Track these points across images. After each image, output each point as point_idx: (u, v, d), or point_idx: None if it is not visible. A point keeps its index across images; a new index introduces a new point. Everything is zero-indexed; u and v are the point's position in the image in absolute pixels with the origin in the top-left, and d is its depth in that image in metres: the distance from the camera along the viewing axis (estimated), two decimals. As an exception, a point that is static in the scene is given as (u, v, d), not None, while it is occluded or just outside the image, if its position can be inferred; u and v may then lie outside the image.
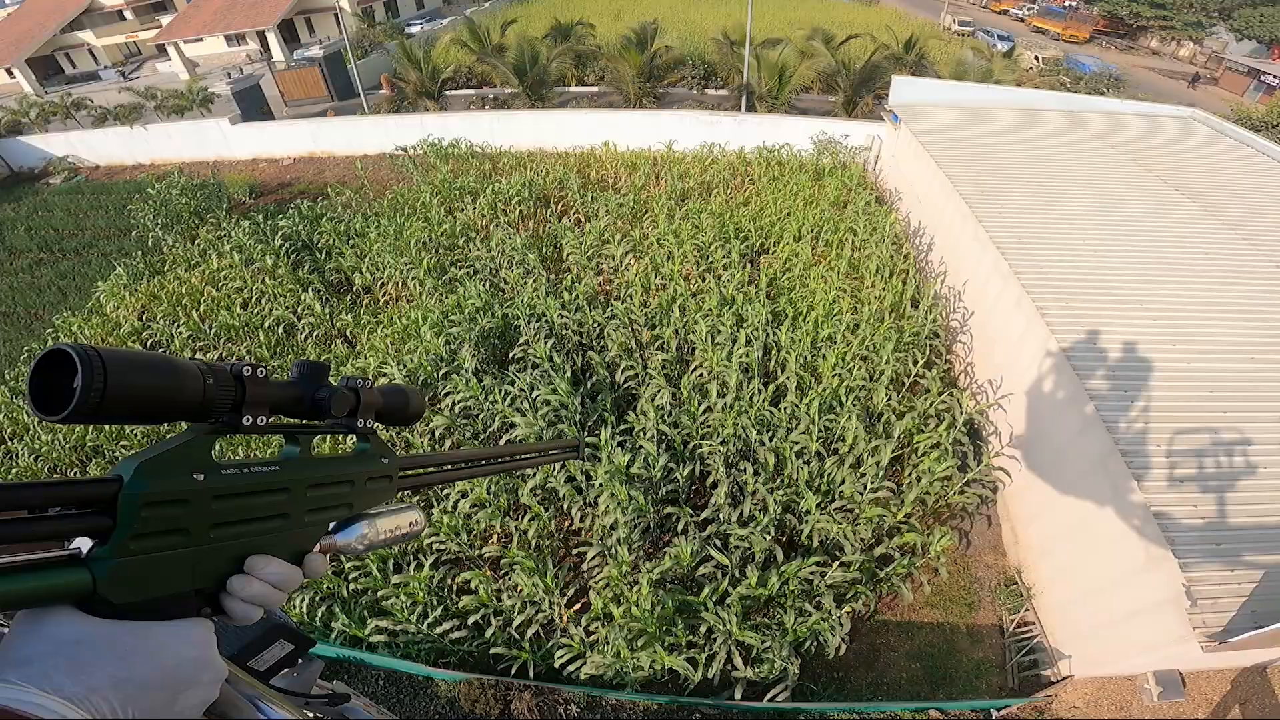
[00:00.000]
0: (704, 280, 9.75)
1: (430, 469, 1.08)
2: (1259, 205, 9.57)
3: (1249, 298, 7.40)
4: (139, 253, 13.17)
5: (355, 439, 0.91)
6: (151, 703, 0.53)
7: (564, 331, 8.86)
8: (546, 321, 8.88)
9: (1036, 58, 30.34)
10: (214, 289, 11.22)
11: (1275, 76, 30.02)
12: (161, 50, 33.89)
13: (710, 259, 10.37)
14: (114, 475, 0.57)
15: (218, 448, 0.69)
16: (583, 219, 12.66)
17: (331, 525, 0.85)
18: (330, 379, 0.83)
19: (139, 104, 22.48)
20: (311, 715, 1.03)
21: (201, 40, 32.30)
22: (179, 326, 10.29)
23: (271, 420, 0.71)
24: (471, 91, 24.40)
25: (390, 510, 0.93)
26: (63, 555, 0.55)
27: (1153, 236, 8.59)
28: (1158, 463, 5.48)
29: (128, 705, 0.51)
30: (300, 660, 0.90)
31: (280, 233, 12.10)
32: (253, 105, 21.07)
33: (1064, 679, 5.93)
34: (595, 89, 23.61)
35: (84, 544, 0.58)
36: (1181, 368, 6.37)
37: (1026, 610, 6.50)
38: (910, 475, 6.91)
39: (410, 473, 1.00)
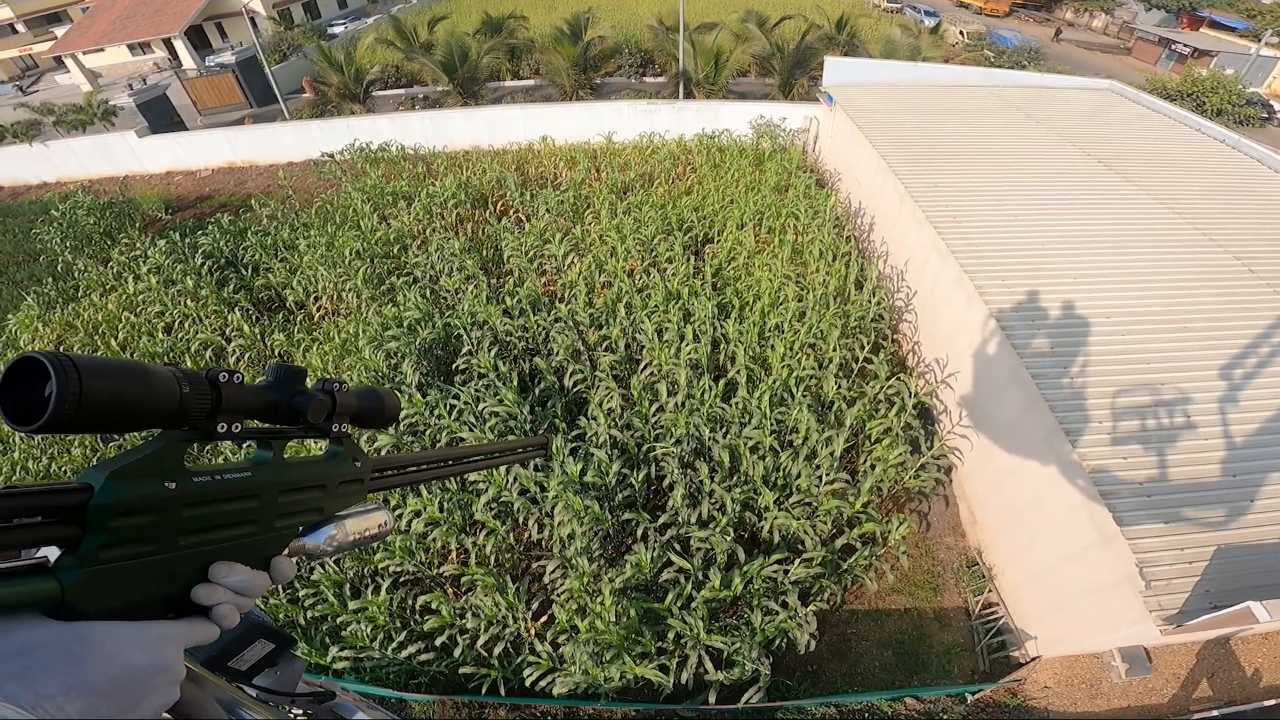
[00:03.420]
0: (649, 275, 9.57)
1: (402, 470, 1.06)
2: (1179, 175, 9.93)
3: (1177, 267, 7.62)
4: (50, 279, 12.29)
5: (328, 442, 0.88)
6: (106, 708, 0.53)
7: (508, 338, 8.57)
8: (489, 329, 8.57)
9: (961, 33, 31.13)
10: (132, 314, 10.52)
11: (1185, 45, 31.40)
12: (61, 62, 31.63)
13: (654, 253, 10.20)
14: (83, 483, 0.55)
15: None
16: (523, 218, 12.32)
17: (300, 528, 0.83)
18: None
19: (37, 120, 20.99)
20: (299, 714, 1.05)
21: (103, 50, 30.18)
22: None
23: (245, 426, 0.70)
24: (400, 91, 23.59)
25: (358, 512, 0.91)
26: (30, 564, 0.54)
27: (1080, 209, 8.81)
28: (1102, 439, 5.56)
29: (84, 711, 0.50)
30: (281, 659, 0.92)
31: (201, 250, 11.37)
32: (161, 116, 19.78)
33: (1033, 660, 6.00)
34: (530, 83, 23.12)
35: (51, 551, 0.56)
36: (1118, 340, 6.50)
37: (990, 591, 6.56)
38: (865, 463, 6.91)
39: (382, 474, 0.99)
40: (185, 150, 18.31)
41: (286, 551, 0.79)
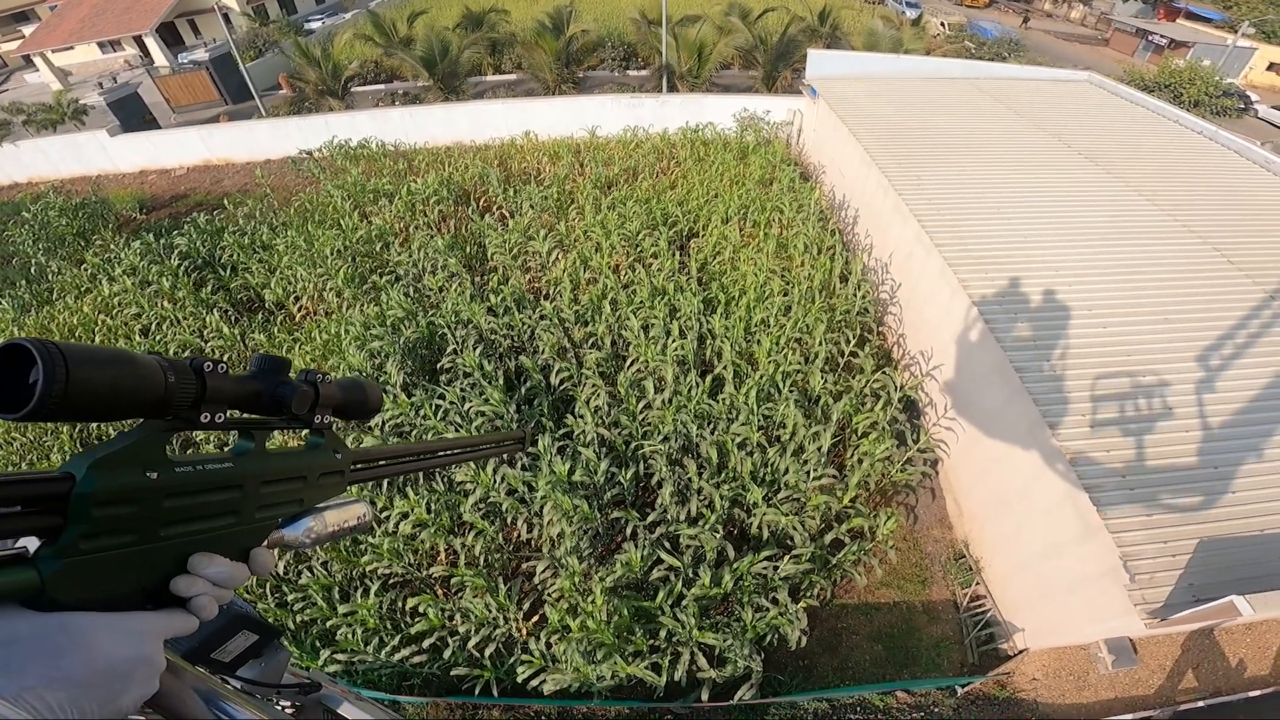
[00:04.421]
0: (634, 271, 9.51)
1: (383, 462, 1.06)
2: (1158, 167, 10.00)
3: (1156, 259, 7.67)
4: (23, 282, 11.98)
5: (309, 433, 0.88)
6: (88, 700, 0.52)
7: (493, 336, 8.48)
8: (474, 327, 8.48)
9: (942, 24, 31.26)
10: (108, 317, 10.28)
11: (1162, 36, 31.76)
12: (29, 61, 30.86)
13: (639, 248, 10.14)
14: (64, 472, 0.55)
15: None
16: (506, 214, 12.20)
17: (280, 520, 0.83)
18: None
19: (6, 120, 20.51)
20: (284, 707, 1.05)
21: (72, 49, 29.47)
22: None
23: (229, 416, 0.69)
24: (380, 87, 23.30)
25: (338, 504, 0.91)
26: (8, 554, 0.53)
27: (1061, 202, 8.85)
28: (1084, 430, 5.59)
29: (65, 704, 0.50)
30: (266, 651, 0.91)
31: (177, 251, 11.16)
32: (133, 114, 19.37)
33: (1020, 652, 6.02)
34: (512, 77, 22.94)
35: (30, 542, 0.56)
36: (1099, 332, 6.54)
37: (977, 584, 6.58)
38: (852, 458, 6.92)
39: (362, 466, 0.99)
40: (159, 149, 17.91)
41: (266, 543, 0.79)
